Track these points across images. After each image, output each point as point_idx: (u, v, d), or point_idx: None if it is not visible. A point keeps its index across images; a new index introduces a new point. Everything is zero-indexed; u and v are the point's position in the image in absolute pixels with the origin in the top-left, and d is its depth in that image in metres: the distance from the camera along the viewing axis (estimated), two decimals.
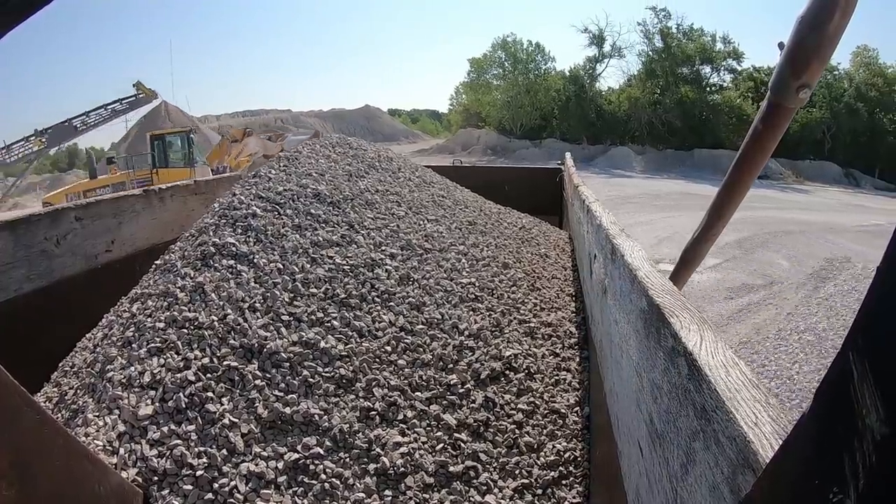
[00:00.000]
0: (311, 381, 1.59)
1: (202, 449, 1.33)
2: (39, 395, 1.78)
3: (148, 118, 36.14)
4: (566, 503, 1.47)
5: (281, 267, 2.00)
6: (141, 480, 1.25)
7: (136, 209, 2.91)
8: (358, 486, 1.36)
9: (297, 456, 1.38)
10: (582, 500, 1.49)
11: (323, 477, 1.35)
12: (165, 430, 1.36)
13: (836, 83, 31.21)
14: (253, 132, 16.89)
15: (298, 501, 1.30)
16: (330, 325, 1.81)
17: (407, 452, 1.46)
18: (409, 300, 2.05)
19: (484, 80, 38.09)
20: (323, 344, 1.70)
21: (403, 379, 1.71)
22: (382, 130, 57.21)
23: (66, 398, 1.63)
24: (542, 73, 36.35)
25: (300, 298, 1.88)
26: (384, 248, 2.34)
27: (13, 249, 2.13)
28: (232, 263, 1.96)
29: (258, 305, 1.80)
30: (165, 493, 1.24)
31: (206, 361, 1.55)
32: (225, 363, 1.56)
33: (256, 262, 1.99)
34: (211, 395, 1.46)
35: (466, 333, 1.98)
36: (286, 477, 1.34)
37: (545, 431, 1.69)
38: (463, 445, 1.54)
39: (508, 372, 1.88)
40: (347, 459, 1.42)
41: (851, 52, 32.76)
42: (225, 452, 1.34)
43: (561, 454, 1.61)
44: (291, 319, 1.78)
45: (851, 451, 0.33)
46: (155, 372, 1.50)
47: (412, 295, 2.09)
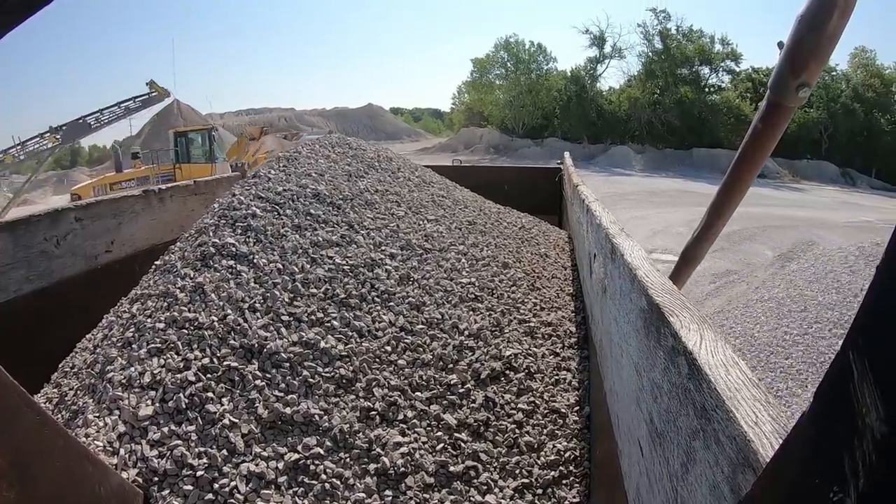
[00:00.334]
0: (311, 381, 1.59)
1: (202, 449, 1.33)
2: (39, 395, 1.78)
3: (161, 116, 36.29)
4: (566, 503, 1.47)
5: (281, 267, 2.00)
6: (141, 481, 1.25)
7: (135, 210, 2.90)
8: (358, 486, 1.36)
9: (297, 456, 1.38)
10: (582, 499, 1.49)
11: (323, 477, 1.35)
12: (166, 430, 1.36)
13: (833, 84, 31.23)
14: (269, 131, 17.28)
15: (299, 502, 1.30)
16: (330, 325, 1.81)
17: (407, 452, 1.46)
18: (408, 300, 2.05)
19: (487, 79, 38.13)
20: (323, 344, 1.70)
21: (403, 379, 1.71)
22: (385, 129, 57.11)
23: (66, 399, 1.63)
24: (543, 73, 36.42)
25: (300, 298, 1.88)
26: (384, 248, 2.34)
27: (13, 250, 2.13)
28: (232, 264, 1.96)
29: (258, 306, 1.80)
30: (166, 493, 1.24)
31: (206, 362, 1.55)
32: (225, 363, 1.56)
33: (256, 262, 1.99)
34: (211, 395, 1.46)
35: (466, 333, 1.98)
36: (286, 477, 1.34)
37: (545, 431, 1.70)
38: (463, 445, 1.54)
39: (508, 372, 1.88)
40: (348, 459, 1.42)
41: (849, 53, 32.80)
42: (225, 453, 1.34)
43: (561, 454, 1.61)
44: (291, 319, 1.78)
45: (851, 450, 0.34)
46: (155, 372, 1.50)
47: (412, 295, 2.09)
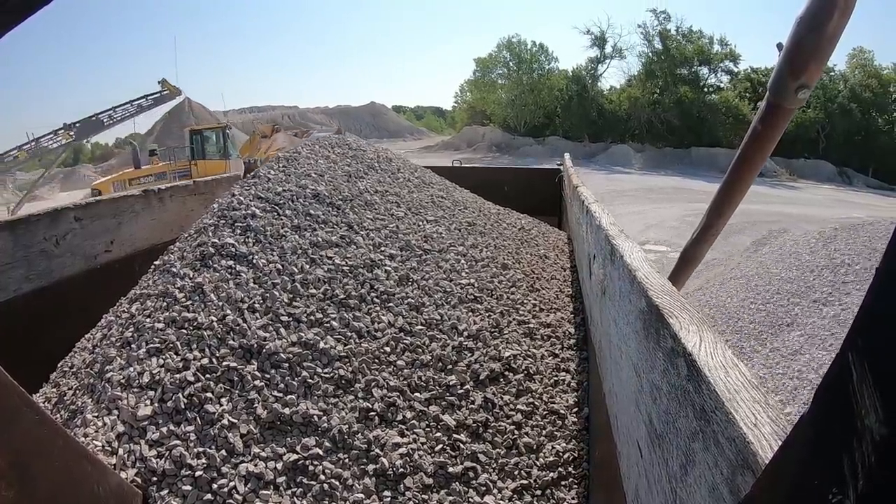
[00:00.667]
0: (310, 381, 1.58)
1: (201, 449, 1.33)
2: (38, 395, 1.77)
3: (172, 114, 36.42)
4: None
5: (280, 267, 1.99)
6: (140, 481, 1.25)
7: (135, 209, 2.90)
8: (357, 486, 1.36)
9: (296, 456, 1.38)
10: (581, 500, 1.49)
11: (322, 478, 1.35)
12: (164, 430, 1.35)
13: (831, 84, 31.26)
14: (281, 129, 17.54)
15: (297, 502, 1.29)
16: (329, 325, 1.81)
17: (406, 453, 1.46)
18: (408, 301, 2.05)
19: (489, 78, 38.18)
20: (322, 344, 1.70)
21: (402, 379, 1.70)
22: (388, 127, 57.00)
23: (65, 399, 1.63)
24: (545, 72, 36.47)
25: (299, 299, 1.88)
26: (383, 248, 2.34)
27: (12, 249, 2.13)
28: (231, 264, 1.96)
29: (257, 306, 1.80)
30: (164, 493, 1.24)
31: (205, 362, 1.55)
32: (224, 364, 1.56)
33: (255, 262, 1.99)
34: (210, 395, 1.46)
35: (465, 334, 1.98)
36: (285, 477, 1.34)
37: (544, 432, 1.69)
38: (462, 446, 1.54)
39: (507, 373, 1.88)
40: (346, 460, 1.42)
41: (847, 53, 32.84)
42: (224, 453, 1.34)
43: (560, 455, 1.61)
44: (290, 320, 1.78)
45: (850, 451, 0.33)
46: (154, 372, 1.50)
47: (411, 296, 2.09)
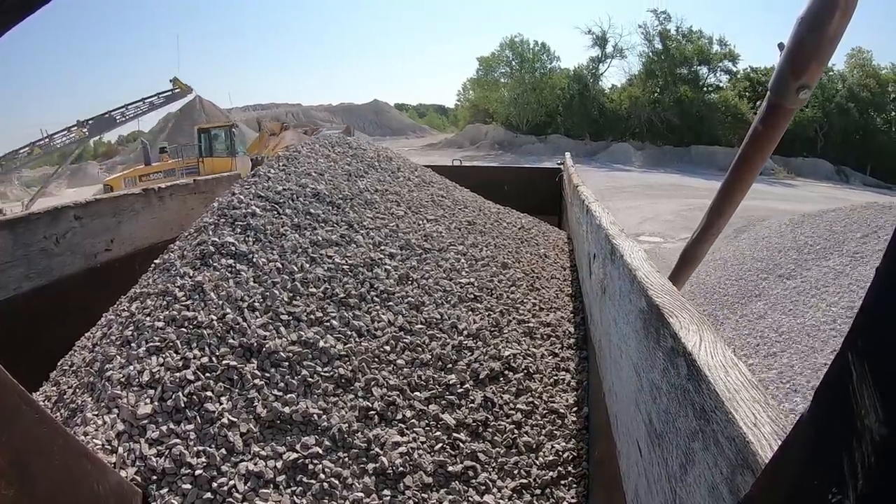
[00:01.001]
0: (310, 380, 1.58)
1: (201, 448, 1.33)
2: (38, 393, 1.78)
3: (184, 111, 36.69)
4: (565, 503, 1.47)
5: (280, 266, 1.99)
6: (140, 479, 1.25)
7: (135, 208, 2.90)
8: (357, 485, 1.36)
9: (295, 455, 1.38)
10: (580, 499, 1.49)
11: (322, 476, 1.35)
12: (164, 429, 1.36)
13: (829, 84, 31.26)
14: (290, 126, 17.77)
15: (297, 501, 1.29)
16: (329, 324, 1.81)
17: (406, 452, 1.46)
18: (408, 300, 2.05)
19: (492, 77, 38.24)
20: (322, 343, 1.70)
21: (402, 378, 1.71)
22: (390, 125, 56.95)
23: (65, 397, 1.63)
24: (547, 71, 36.54)
25: (299, 298, 1.88)
26: (383, 247, 2.34)
27: (12, 248, 2.13)
28: (231, 263, 1.96)
29: (257, 305, 1.80)
30: (164, 492, 1.24)
31: (205, 360, 1.55)
32: (224, 362, 1.56)
33: (255, 261, 1.99)
34: (210, 394, 1.46)
35: (465, 333, 1.98)
36: (285, 476, 1.34)
37: (544, 431, 1.70)
38: (462, 445, 1.54)
39: (507, 372, 1.88)
40: (346, 459, 1.42)
41: (846, 53, 32.82)
42: (224, 452, 1.34)
43: (560, 454, 1.61)
44: (290, 319, 1.78)
45: (850, 451, 0.33)
46: (154, 371, 1.50)
47: (411, 295, 2.09)
